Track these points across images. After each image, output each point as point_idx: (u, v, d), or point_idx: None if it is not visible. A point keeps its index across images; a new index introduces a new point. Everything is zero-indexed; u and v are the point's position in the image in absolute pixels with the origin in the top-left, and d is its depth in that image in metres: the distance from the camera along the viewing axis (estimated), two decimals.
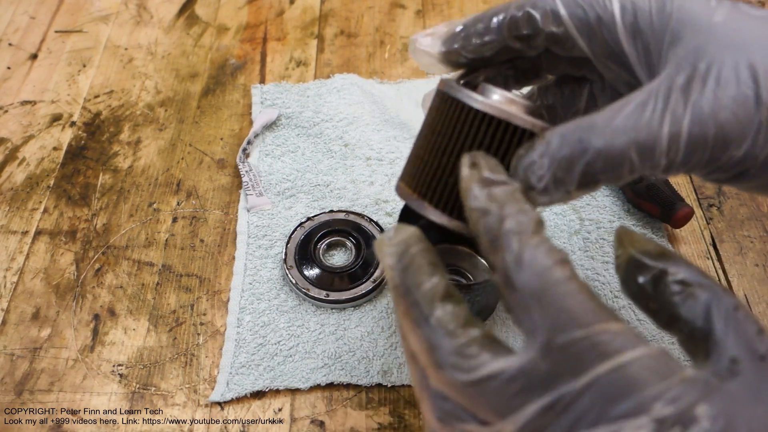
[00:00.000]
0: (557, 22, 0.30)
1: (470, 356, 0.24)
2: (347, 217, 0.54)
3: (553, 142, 0.27)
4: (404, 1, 0.74)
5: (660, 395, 0.21)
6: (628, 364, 0.22)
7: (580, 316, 0.23)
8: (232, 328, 0.49)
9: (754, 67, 0.26)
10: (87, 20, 0.73)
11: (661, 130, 0.26)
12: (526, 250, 0.24)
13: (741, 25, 0.27)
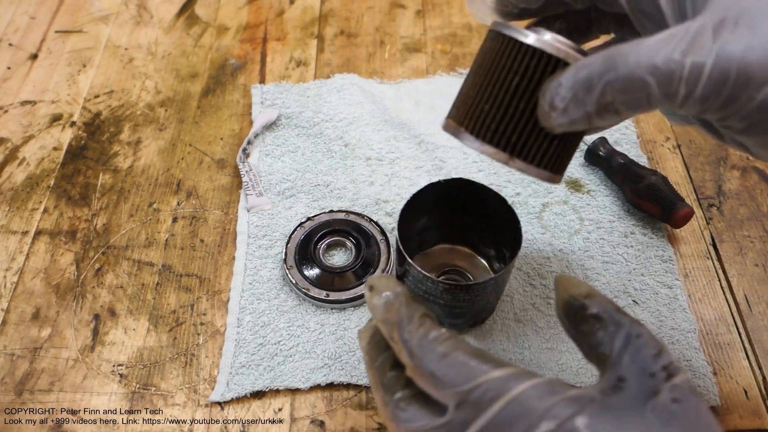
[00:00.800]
0: None
1: (407, 411, 0.30)
2: (347, 217, 0.54)
3: (579, 67, 0.29)
4: (404, 1, 0.74)
5: (545, 414, 0.26)
6: (517, 397, 0.27)
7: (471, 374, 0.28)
8: (232, 328, 0.49)
9: None
10: (87, 20, 0.73)
11: (684, 59, 0.26)
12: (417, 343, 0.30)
13: None
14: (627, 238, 0.54)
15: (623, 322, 0.30)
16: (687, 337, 0.48)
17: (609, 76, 0.28)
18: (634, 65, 0.27)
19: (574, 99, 0.29)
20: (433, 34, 0.71)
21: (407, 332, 0.31)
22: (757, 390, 0.46)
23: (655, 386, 0.27)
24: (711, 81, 0.26)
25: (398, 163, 0.58)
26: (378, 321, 0.33)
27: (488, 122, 0.33)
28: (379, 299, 0.33)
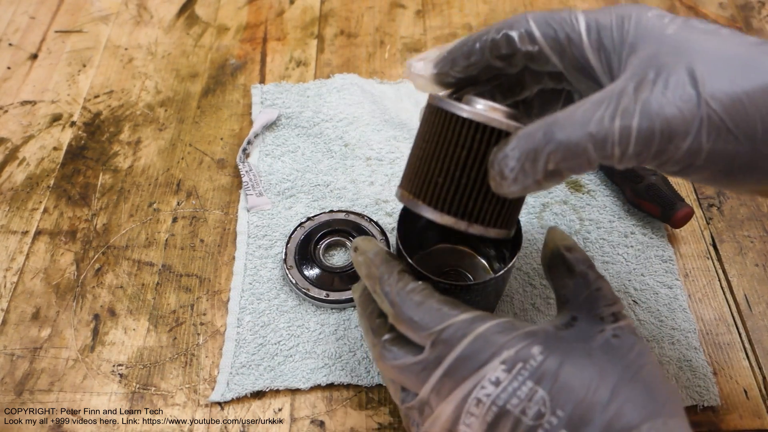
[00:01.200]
0: (532, 41, 0.34)
1: (392, 351, 0.36)
2: (347, 217, 0.54)
3: (521, 137, 0.32)
4: (404, 1, 0.74)
5: (505, 345, 0.32)
6: (482, 333, 0.33)
7: (442, 317, 0.34)
8: (232, 328, 0.49)
9: (697, 71, 0.29)
10: (87, 20, 0.73)
11: (613, 124, 0.30)
12: (396, 294, 0.35)
13: (689, 36, 0.31)
14: (627, 238, 0.54)
15: (589, 275, 0.35)
16: (687, 337, 0.48)
17: (551, 146, 0.31)
18: (572, 135, 0.30)
19: (522, 170, 0.32)
20: (433, 34, 0.71)
21: (387, 285, 0.36)
22: (757, 390, 0.46)
23: (602, 326, 0.33)
24: (640, 140, 0.29)
25: (398, 163, 0.58)
26: (362, 277, 0.38)
27: (444, 195, 0.35)
28: (362, 257, 0.38)
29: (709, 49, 0.30)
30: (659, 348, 0.47)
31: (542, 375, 0.31)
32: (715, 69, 0.29)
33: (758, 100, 0.29)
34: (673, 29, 0.31)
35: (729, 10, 0.72)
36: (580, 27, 0.33)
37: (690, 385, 0.46)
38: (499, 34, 0.35)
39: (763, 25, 0.70)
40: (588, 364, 0.31)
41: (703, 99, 0.29)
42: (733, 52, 0.30)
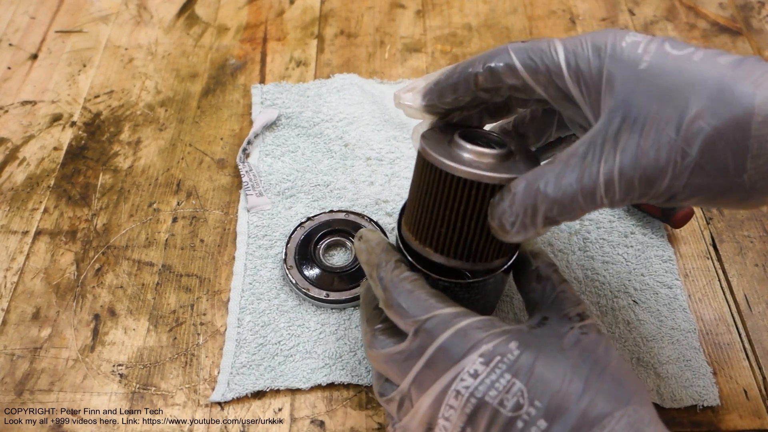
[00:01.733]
0: (515, 75, 0.35)
1: (380, 339, 0.38)
2: (347, 217, 0.54)
3: (518, 195, 0.34)
4: (404, 1, 0.74)
5: (483, 339, 0.34)
6: (462, 328, 0.34)
7: (428, 308, 0.36)
8: (232, 328, 0.49)
9: (668, 115, 0.31)
10: (87, 20, 0.73)
11: (598, 179, 0.32)
12: (389, 280, 0.38)
13: (663, 69, 0.32)
14: (627, 238, 0.54)
15: (554, 278, 0.39)
16: (687, 337, 0.48)
17: (546, 204, 0.34)
18: (565, 191, 0.33)
19: (521, 223, 0.35)
20: (433, 34, 0.71)
21: (383, 271, 0.38)
22: (757, 390, 0.46)
23: (570, 324, 0.36)
24: (623, 188, 0.32)
25: (398, 163, 0.58)
26: (362, 263, 0.40)
27: (448, 242, 0.38)
28: (365, 245, 0.41)
29: (681, 85, 0.31)
30: (659, 348, 0.47)
31: (519, 368, 0.33)
32: (687, 109, 0.30)
33: (728, 136, 0.30)
34: (646, 63, 0.32)
35: (729, 10, 0.72)
36: (560, 59, 0.34)
37: (690, 385, 0.46)
38: (483, 68, 0.36)
39: (763, 25, 0.70)
40: (561, 359, 0.33)
41: (677, 146, 0.31)
42: (704, 84, 0.30)
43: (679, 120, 0.30)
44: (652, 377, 0.46)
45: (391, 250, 0.40)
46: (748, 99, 0.29)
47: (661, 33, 0.70)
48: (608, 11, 0.72)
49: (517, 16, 0.72)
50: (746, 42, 0.69)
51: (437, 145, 0.37)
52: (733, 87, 0.30)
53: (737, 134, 0.30)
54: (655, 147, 0.31)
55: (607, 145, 0.32)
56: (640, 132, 0.31)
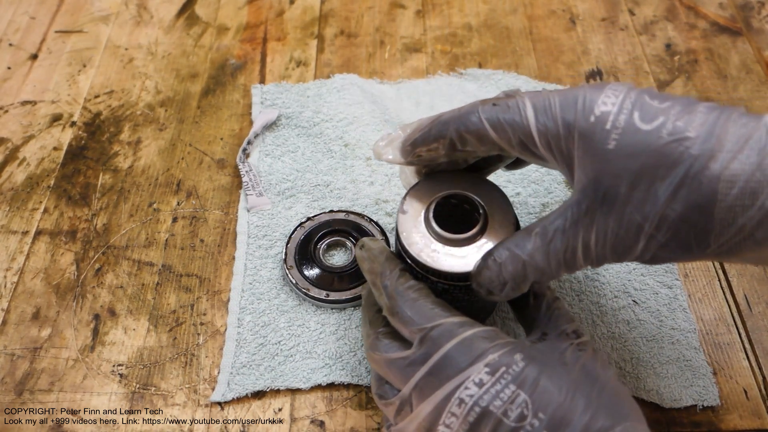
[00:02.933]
0: (488, 141, 0.37)
1: (383, 342, 0.38)
2: (347, 217, 0.54)
3: (506, 267, 0.37)
4: (404, 1, 0.74)
5: (489, 349, 0.34)
6: (468, 338, 0.35)
7: (433, 317, 0.36)
8: (232, 328, 0.49)
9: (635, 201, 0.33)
10: (87, 20, 0.73)
11: (577, 252, 0.35)
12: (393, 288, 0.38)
13: (631, 150, 0.33)
14: None
15: (548, 296, 0.40)
16: (687, 337, 0.48)
17: (532, 276, 0.36)
18: (549, 264, 0.36)
19: (510, 289, 0.37)
20: (433, 34, 0.71)
21: (387, 279, 0.39)
22: (757, 390, 0.46)
23: (569, 341, 0.36)
24: (598, 257, 0.35)
25: None
26: (365, 271, 0.41)
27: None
28: (367, 254, 0.41)
29: (647, 168, 0.32)
30: (659, 348, 0.48)
31: (524, 380, 0.33)
32: (653, 194, 0.32)
33: (692, 220, 0.32)
34: (614, 143, 0.33)
35: (729, 10, 0.72)
36: (531, 128, 0.35)
37: (690, 385, 0.46)
38: (455, 133, 0.37)
39: (763, 25, 0.70)
40: (564, 373, 0.34)
41: (645, 230, 0.33)
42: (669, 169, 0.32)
43: (646, 205, 0.33)
44: (652, 377, 0.46)
45: (393, 259, 0.40)
46: (712, 185, 0.31)
47: (661, 33, 0.70)
48: (608, 11, 0.72)
49: (517, 16, 0.72)
50: (746, 42, 0.69)
51: (414, 219, 0.41)
52: (699, 173, 0.31)
53: (700, 219, 0.32)
54: (624, 228, 0.33)
55: (583, 222, 0.35)
56: (609, 213, 0.34)
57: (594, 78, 0.66)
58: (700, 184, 0.31)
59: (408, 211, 0.41)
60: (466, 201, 0.41)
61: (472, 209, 0.41)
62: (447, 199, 0.42)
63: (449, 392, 0.34)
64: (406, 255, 0.41)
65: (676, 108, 0.32)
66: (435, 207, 0.41)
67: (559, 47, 0.69)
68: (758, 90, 0.64)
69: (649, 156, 0.32)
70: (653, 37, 0.70)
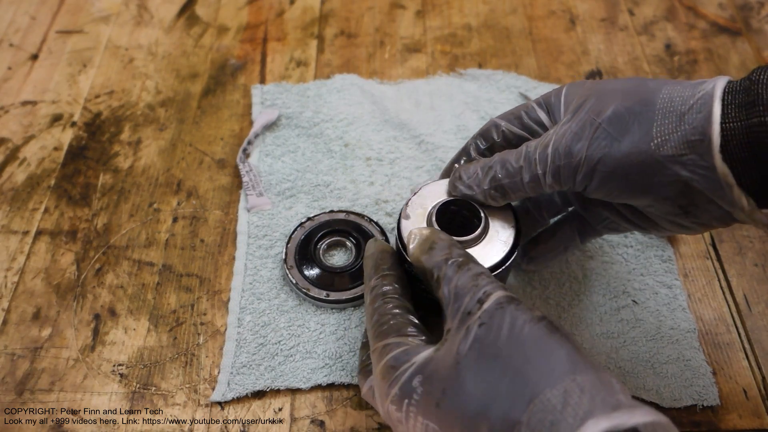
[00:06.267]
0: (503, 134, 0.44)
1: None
2: (347, 217, 0.54)
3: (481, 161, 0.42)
4: (404, 1, 0.74)
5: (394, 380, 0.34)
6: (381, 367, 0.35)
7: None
8: (232, 328, 0.49)
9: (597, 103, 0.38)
10: (87, 21, 0.73)
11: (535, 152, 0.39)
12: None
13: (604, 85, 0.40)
14: (627, 238, 0.54)
15: (449, 274, 0.35)
16: (687, 337, 0.48)
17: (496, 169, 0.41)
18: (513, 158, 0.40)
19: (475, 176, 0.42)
20: (433, 35, 0.71)
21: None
22: (756, 390, 0.46)
23: (469, 321, 0.32)
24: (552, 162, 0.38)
25: (398, 163, 0.59)
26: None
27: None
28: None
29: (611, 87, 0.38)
30: (659, 348, 0.48)
31: (426, 408, 0.31)
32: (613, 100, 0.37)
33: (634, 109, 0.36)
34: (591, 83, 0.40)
35: (728, 11, 0.72)
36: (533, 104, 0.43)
37: (690, 385, 0.46)
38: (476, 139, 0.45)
39: (763, 25, 0.70)
40: (463, 377, 0.30)
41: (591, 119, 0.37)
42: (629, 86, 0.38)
43: (605, 108, 0.36)
44: (651, 377, 0.46)
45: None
46: (656, 90, 0.36)
47: (661, 33, 0.70)
48: (608, 11, 0.73)
49: (516, 16, 0.72)
50: (746, 42, 0.69)
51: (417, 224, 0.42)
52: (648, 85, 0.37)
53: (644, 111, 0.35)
54: (582, 126, 0.37)
55: (550, 132, 0.39)
56: (572, 120, 0.38)
57: (594, 78, 0.66)
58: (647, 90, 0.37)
59: (411, 216, 0.43)
60: (466, 207, 0.42)
61: (472, 215, 0.42)
62: (448, 205, 0.43)
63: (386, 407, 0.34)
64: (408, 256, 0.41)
65: None
66: (437, 213, 0.42)
67: (559, 47, 0.69)
68: None
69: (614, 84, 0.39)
70: (653, 37, 0.70)
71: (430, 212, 0.42)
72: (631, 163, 0.35)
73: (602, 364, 0.47)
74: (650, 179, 0.35)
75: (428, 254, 0.37)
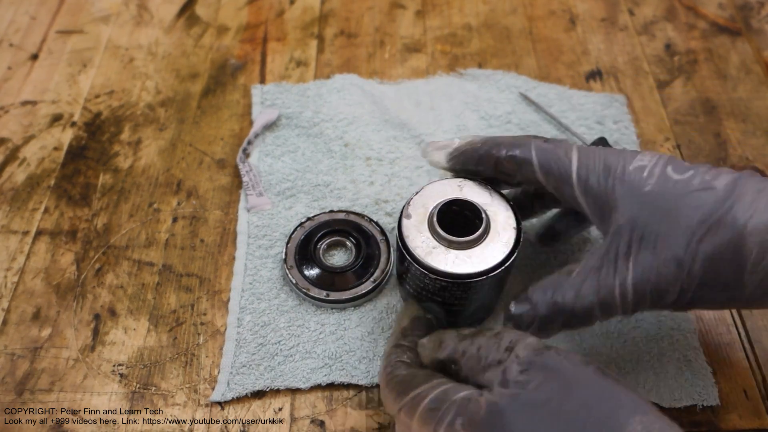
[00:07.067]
0: (531, 170, 0.39)
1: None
2: (347, 217, 0.54)
3: (539, 306, 0.37)
4: (404, 1, 0.74)
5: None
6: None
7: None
8: (232, 328, 0.49)
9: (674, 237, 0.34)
10: (87, 20, 0.73)
11: (614, 292, 0.35)
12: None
13: (665, 192, 0.35)
14: None
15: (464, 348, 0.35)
16: (687, 337, 0.48)
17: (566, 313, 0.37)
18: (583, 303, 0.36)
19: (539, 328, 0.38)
20: (433, 34, 0.71)
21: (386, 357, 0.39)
22: (756, 390, 0.46)
23: (506, 369, 0.32)
24: (636, 299, 0.35)
25: (398, 163, 0.59)
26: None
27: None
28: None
29: (683, 208, 0.34)
30: (659, 348, 0.48)
31: None
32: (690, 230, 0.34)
33: (726, 256, 0.34)
34: (650, 186, 0.36)
35: (728, 11, 0.72)
36: (572, 170, 0.38)
37: (690, 385, 0.46)
38: (506, 154, 0.40)
39: (763, 25, 0.70)
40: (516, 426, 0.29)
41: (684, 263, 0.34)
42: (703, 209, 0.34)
43: (683, 240, 0.34)
44: (652, 377, 0.46)
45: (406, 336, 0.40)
46: (741, 223, 0.33)
47: (661, 33, 0.70)
48: (608, 11, 0.73)
49: (517, 16, 0.72)
50: (745, 42, 0.69)
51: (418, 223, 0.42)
52: (728, 213, 0.34)
53: (734, 254, 0.33)
54: (664, 263, 0.34)
55: (620, 260, 0.35)
56: (649, 249, 0.35)
57: (594, 78, 0.66)
58: (730, 223, 0.34)
59: (412, 215, 0.42)
60: (468, 207, 0.42)
61: (473, 215, 0.42)
62: (449, 205, 0.43)
63: None
64: (409, 257, 0.41)
65: (704, 167, 0.36)
66: (438, 213, 0.42)
67: (559, 47, 0.69)
68: (757, 90, 0.64)
69: (684, 198, 0.35)
70: (653, 37, 0.70)
71: (431, 212, 0.42)
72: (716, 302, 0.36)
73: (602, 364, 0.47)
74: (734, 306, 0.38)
75: (440, 348, 0.37)
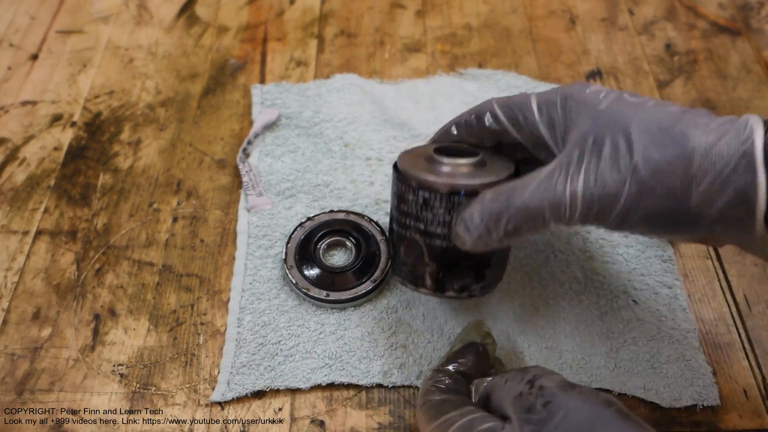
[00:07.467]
0: (497, 122, 0.42)
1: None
2: (347, 217, 0.54)
3: (486, 201, 0.38)
4: (404, 1, 0.74)
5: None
6: None
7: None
8: (232, 328, 0.49)
9: (624, 143, 0.35)
10: (87, 20, 0.73)
11: (564, 195, 0.36)
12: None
13: (620, 110, 0.36)
14: (627, 238, 0.54)
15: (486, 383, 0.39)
16: (687, 337, 0.48)
17: (512, 210, 0.37)
18: (531, 201, 0.37)
19: (486, 228, 0.38)
20: (433, 34, 0.71)
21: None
22: (756, 390, 0.46)
23: (528, 401, 0.34)
24: (585, 204, 0.35)
25: None
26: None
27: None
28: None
29: (636, 121, 0.35)
30: (659, 348, 0.48)
31: None
32: (641, 140, 0.35)
33: (674, 164, 0.34)
34: (605, 104, 0.37)
35: (728, 11, 0.72)
36: (533, 108, 0.40)
37: (690, 385, 0.46)
38: (471, 116, 0.44)
39: (763, 25, 0.70)
40: None
41: (632, 169, 0.34)
42: (656, 123, 0.35)
43: (634, 148, 0.35)
44: (651, 377, 0.46)
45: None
46: (690, 137, 0.34)
47: (661, 33, 0.70)
48: (608, 11, 0.73)
49: (517, 16, 0.72)
50: (745, 42, 0.69)
51: (414, 163, 0.43)
52: (679, 127, 0.35)
53: (682, 165, 0.34)
54: (614, 169, 0.35)
55: (572, 167, 0.36)
56: (600, 157, 0.36)
57: (594, 78, 0.66)
58: (680, 135, 0.34)
59: (407, 153, 0.46)
60: (464, 148, 0.44)
61: (470, 153, 0.44)
62: (446, 148, 0.44)
63: None
64: (409, 179, 0.43)
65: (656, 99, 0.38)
66: (435, 150, 0.44)
67: (559, 47, 0.69)
68: (758, 90, 0.64)
69: (637, 113, 0.36)
70: (653, 37, 0.70)
71: (430, 151, 0.44)
72: (664, 214, 0.35)
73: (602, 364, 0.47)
74: (682, 227, 0.36)
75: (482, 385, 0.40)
